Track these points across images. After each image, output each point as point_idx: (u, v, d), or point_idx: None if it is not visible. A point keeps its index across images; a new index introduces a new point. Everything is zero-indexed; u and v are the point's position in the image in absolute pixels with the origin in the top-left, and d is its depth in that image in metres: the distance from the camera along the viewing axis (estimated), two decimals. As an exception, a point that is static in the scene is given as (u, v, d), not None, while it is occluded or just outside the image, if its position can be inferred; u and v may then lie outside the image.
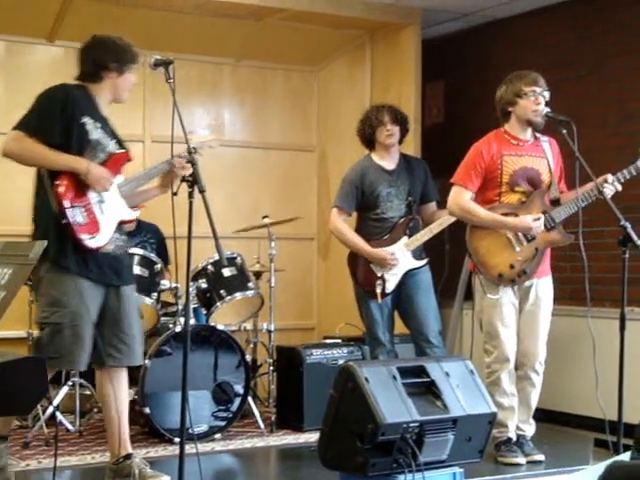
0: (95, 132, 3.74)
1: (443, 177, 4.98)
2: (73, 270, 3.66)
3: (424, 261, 4.97)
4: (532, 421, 4.46)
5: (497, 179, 4.34)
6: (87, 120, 3.72)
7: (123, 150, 3.87)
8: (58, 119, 3.65)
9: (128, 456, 3.86)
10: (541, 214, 4.31)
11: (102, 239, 3.71)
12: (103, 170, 3.71)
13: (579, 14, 5.72)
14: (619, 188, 4.20)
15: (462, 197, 4.35)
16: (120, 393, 3.86)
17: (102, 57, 3.80)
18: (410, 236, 4.93)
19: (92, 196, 3.71)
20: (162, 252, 5.45)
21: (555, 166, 4.40)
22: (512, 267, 4.29)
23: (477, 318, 4.44)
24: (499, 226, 4.31)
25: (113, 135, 3.86)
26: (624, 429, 3.83)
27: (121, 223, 3.85)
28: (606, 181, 4.18)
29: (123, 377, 3.89)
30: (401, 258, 4.91)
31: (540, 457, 4.35)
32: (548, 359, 4.40)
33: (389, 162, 5.04)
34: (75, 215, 3.63)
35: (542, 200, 4.36)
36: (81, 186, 3.67)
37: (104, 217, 3.73)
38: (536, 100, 4.29)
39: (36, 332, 3.96)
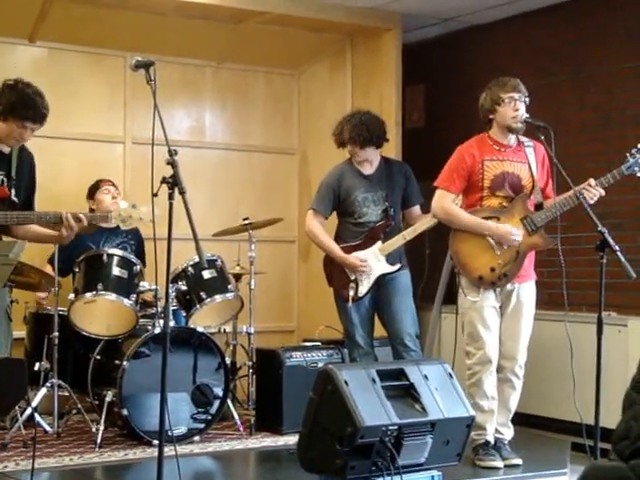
0: None
1: (423, 180, 5.01)
2: None
3: (397, 266, 4.96)
4: (511, 425, 4.48)
5: (479, 183, 4.37)
6: None
7: None
8: None
9: None
10: (521, 225, 4.33)
11: None
12: None
13: (558, 20, 5.76)
14: (602, 192, 4.22)
15: (445, 200, 4.38)
16: None
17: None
18: (385, 241, 4.94)
19: None
20: (140, 254, 5.45)
21: (541, 170, 4.42)
22: (493, 270, 4.32)
23: (460, 320, 4.46)
24: (481, 229, 4.33)
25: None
26: (601, 433, 3.84)
27: None
28: (589, 185, 4.21)
29: None
30: (374, 263, 4.92)
31: (518, 461, 4.37)
32: (526, 363, 4.43)
33: (368, 167, 5.05)
34: None
35: (524, 205, 4.39)
36: None
37: None
38: (514, 106, 4.32)
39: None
